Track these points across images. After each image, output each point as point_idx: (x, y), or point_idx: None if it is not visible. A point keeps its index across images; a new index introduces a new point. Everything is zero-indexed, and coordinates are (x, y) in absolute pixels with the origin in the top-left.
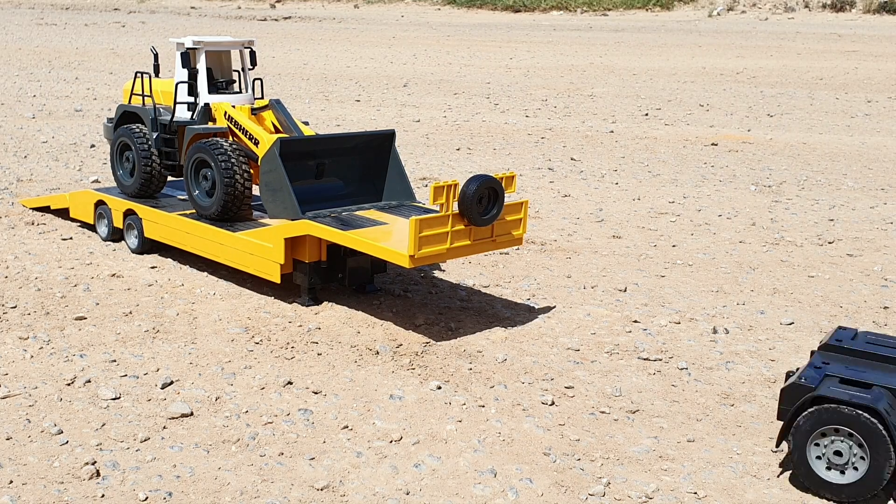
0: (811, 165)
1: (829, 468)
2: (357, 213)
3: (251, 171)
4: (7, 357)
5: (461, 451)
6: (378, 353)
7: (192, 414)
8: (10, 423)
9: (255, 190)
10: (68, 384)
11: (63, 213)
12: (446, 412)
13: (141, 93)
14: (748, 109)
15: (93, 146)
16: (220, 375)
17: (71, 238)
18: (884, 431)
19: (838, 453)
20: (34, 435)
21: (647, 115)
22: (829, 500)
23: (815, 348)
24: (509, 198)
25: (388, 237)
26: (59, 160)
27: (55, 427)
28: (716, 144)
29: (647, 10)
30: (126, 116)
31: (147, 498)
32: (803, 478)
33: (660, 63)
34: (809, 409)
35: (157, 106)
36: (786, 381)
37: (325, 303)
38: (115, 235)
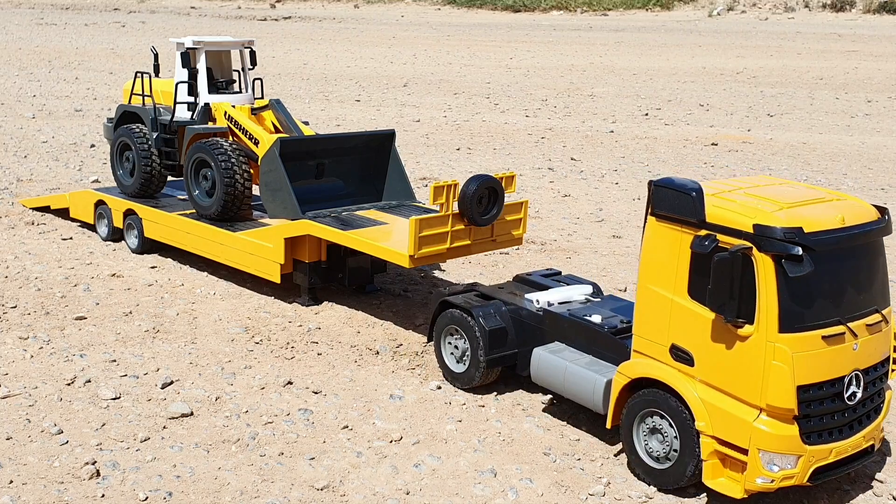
0: (811, 165)
1: (454, 358)
2: (357, 212)
3: (251, 171)
4: (7, 357)
5: (461, 451)
6: (378, 353)
7: (192, 414)
8: (10, 423)
9: (255, 190)
10: (68, 384)
11: (63, 213)
12: (446, 412)
13: (141, 93)
14: (748, 109)
15: (93, 146)
16: (220, 375)
17: (71, 238)
18: (476, 329)
19: (456, 347)
20: (34, 435)
21: (647, 115)
22: (452, 384)
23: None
24: (509, 198)
25: (388, 237)
26: (59, 160)
27: (55, 427)
28: (716, 144)
29: (647, 10)
30: (126, 116)
31: (147, 498)
32: (441, 368)
33: (660, 63)
34: (443, 311)
35: (157, 106)
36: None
37: (325, 303)
38: (115, 235)
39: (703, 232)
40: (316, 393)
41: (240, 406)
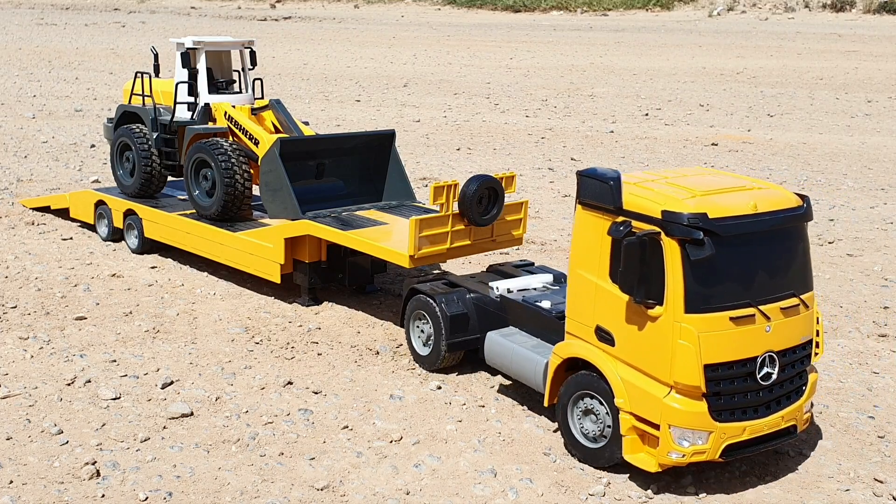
0: (811, 165)
1: (420, 342)
2: (357, 213)
3: (251, 171)
4: (7, 357)
5: (461, 451)
6: (378, 353)
7: (192, 414)
8: (10, 423)
9: (255, 190)
10: (68, 384)
11: (63, 213)
12: (446, 412)
13: (141, 93)
14: (748, 109)
15: (93, 146)
16: (220, 375)
17: (71, 238)
18: (439, 314)
19: (423, 331)
20: (34, 435)
21: (647, 115)
22: (419, 365)
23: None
24: (509, 198)
25: (388, 237)
26: (59, 160)
27: (55, 427)
28: (716, 144)
29: (647, 10)
30: (126, 116)
31: (147, 498)
32: (410, 351)
33: (660, 63)
34: (412, 297)
35: (157, 106)
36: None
37: (325, 303)
38: (116, 235)
39: (620, 218)
40: (316, 393)
41: (240, 406)
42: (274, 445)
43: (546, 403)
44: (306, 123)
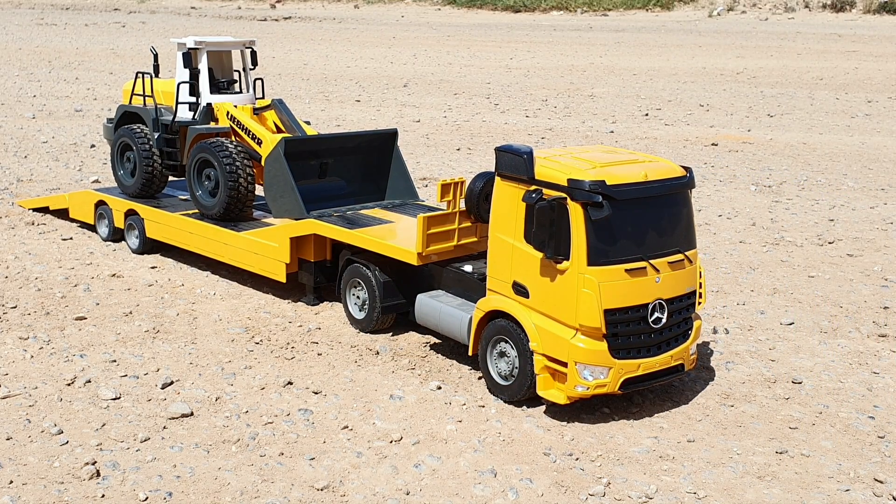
0: (811, 165)
1: (356, 307)
2: (362, 211)
3: (254, 171)
4: (7, 357)
5: (461, 451)
6: (378, 353)
7: (192, 414)
8: (10, 423)
9: (258, 190)
10: (68, 384)
11: (63, 213)
12: (446, 412)
13: (142, 93)
14: (748, 109)
15: (93, 146)
16: (220, 375)
17: (71, 238)
18: (373, 281)
19: (358, 297)
20: (34, 435)
21: (647, 115)
22: (354, 328)
23: None
24: None
25: (395, 235)
26: (59, 160)
27: (55, 427)
28: (716, 144)
29: (647, 10)
30: (126, 117)
31: (147, 498)
32: (347, 316)
33: (660, 63)
34: (348, 267)
35: (158, 106)
36: None
37: (325, 303)
38: (116, 236)
39: (533, 187)
40: (316, 393)
41: (240, 406)
42: (274, 445)
43: (470, 353)
44: (307, 123)
